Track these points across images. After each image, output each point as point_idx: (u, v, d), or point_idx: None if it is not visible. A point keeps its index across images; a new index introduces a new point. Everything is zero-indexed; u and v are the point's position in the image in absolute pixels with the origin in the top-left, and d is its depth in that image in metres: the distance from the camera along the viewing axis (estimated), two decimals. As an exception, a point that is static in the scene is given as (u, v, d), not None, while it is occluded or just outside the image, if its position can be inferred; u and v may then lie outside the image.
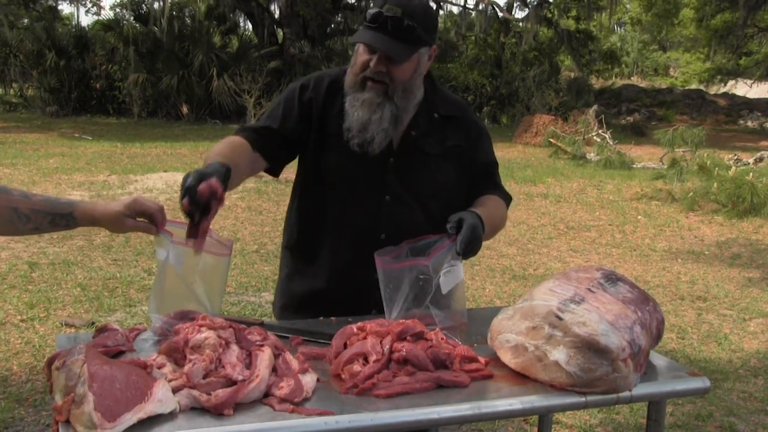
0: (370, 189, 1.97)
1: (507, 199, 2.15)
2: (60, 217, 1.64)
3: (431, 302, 1.79)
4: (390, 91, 1.91)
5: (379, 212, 1.96)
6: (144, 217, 1.69)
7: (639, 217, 8.41)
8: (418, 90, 1.99)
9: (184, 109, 18.43)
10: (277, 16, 21.39)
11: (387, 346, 1.56)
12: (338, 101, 1.97)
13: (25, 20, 22.16)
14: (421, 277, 1.78)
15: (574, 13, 24.02)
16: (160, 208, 1.71)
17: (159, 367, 1.45)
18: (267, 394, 1.43)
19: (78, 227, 1.69)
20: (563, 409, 1.59)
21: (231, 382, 1.40)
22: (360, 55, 1.92)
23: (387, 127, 1.92)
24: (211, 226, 1.67)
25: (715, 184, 8.60)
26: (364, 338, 1.60)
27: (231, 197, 8.46)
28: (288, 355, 1.55)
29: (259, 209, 7.90)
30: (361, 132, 1.91)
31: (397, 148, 1.99)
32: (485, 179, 2.12)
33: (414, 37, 1.88)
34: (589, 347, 1.51)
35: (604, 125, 14.13)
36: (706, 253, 6.83)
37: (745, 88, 29.38)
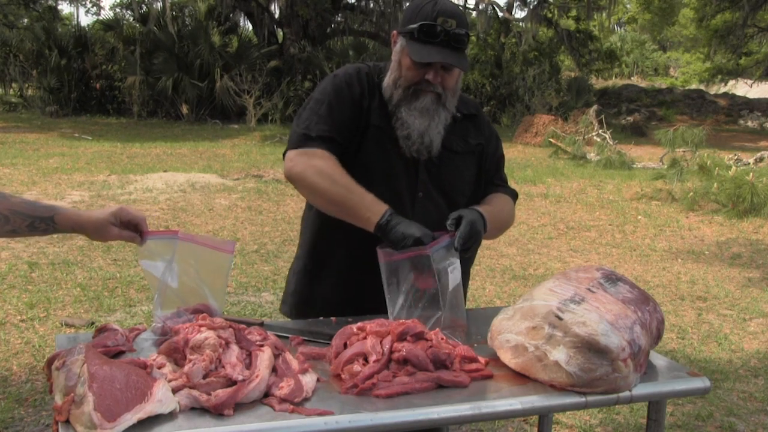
0: (406, 185, 2.01)
1: (514, 195, 2.22)
2: (39, 221, 1.61)
3: (436, 297, 1.79)
4: (443, 98, 1.97)
5: (413, 208, 2.00)
6: (129, 227, 1.71)
7: (639, 217, 8.41)
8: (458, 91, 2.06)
9: (184, 109, 18.43)
10: (277, 16, 21.38)
11: (387, 346, 1.56)
12: (377, 94, 2.00)
13: (25, 20, 22.19)
14: (422, 266, 1.78)
15: (574, 13, 23.99)
16: (144, 218, 1.74)
17: (159, 367, 1.45)
18: (267, 394, 1.43)
19: (58, 233, 1.68)
20: (563, 409, 1.59)
21: (231, 382, 1.40)
22: (409, 69, 1.93)
23: (442, 131, 1.98)
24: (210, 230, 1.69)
25: (715, 184, 8.60)
26: (364, 338, 1.60)
27: (231, 197, 8.46)
28: (288, 355, 1.55)
29: (259, 209, 7.90)
30: (420, 138, 1.96)
31: None
32: (494, 173, 2.20)
33: (467, 43, 1.94)
34: (589, 347, 1.51)
35: (604, 125, 14.13)
36: (706, 253, 6.83)
37: (745, 88, 29.34)
